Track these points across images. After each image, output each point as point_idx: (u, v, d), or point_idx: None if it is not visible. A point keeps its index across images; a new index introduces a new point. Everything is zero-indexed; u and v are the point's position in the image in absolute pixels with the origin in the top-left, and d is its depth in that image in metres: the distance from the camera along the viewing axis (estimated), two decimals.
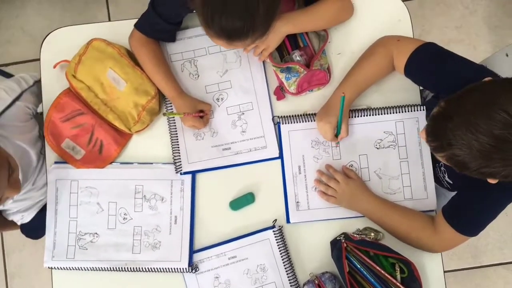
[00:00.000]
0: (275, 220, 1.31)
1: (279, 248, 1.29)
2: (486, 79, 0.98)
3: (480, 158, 0.90)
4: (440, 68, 1.16)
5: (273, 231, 1.30)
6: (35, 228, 1.51)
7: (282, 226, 1.31)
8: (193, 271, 1.30)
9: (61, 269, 1.33)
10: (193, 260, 1.31)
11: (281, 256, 1.29)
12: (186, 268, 1.29)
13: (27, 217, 1.53)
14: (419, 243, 1.25)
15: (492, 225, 2.16)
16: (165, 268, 1.30)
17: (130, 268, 1.31)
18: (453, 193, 1.27)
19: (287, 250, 1.30)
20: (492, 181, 1.00)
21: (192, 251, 1.31)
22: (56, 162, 1.36)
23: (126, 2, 2.31)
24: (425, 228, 1.23)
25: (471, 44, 2.27)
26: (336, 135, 1.29)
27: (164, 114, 1.31)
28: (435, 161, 1.31)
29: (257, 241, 1.30)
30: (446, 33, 2.27)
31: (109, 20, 2.30)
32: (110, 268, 1.31)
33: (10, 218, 1.53)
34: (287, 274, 1.29)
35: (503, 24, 2.27)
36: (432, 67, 1.18)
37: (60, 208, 1.34)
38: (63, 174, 1.35)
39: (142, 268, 1.31)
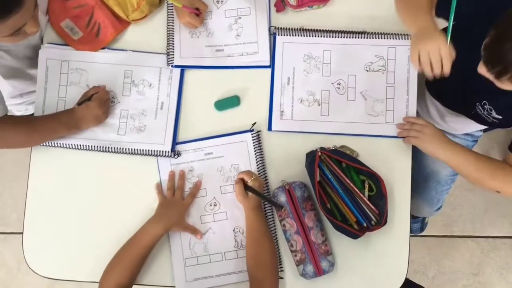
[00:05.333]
0: (255, 123, 1.33)
1: (255, 151, 1.31)
2: None
3: None
4: None
5: (251, 134, 1.32)
6: None
7: (260, 131, 1.33)
8: (176, 156, 1.32)
9: (44, 145, 1.34)
10: (175, 148, 1.33)
11: (256, 159, 1.31)
12: (168, 152, 1.31)
13: (30, 110, 1.52)
14: (502, 188, 1.25)
15: (467, 198, 2.22)
16: (148, 150, 1.32)
17: (114, 148, 1.32)
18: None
19: (262, 155, 1.32)
20: None
21: (175, 138, 1.33)
22: (49, 43, 1.37)
23: None
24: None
25: None
26: None
27: None
28: (473, 103, 1.28)
29: (235, 141, 1.32)
30: None
31: None
32: (94, 147, 1.32)
33: (15, 111, 1.53)
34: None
35: None
36: None
37: (49, 87, 1.36)
38: (55, 54, 1.36)
39: (125, 149, 1.32)
